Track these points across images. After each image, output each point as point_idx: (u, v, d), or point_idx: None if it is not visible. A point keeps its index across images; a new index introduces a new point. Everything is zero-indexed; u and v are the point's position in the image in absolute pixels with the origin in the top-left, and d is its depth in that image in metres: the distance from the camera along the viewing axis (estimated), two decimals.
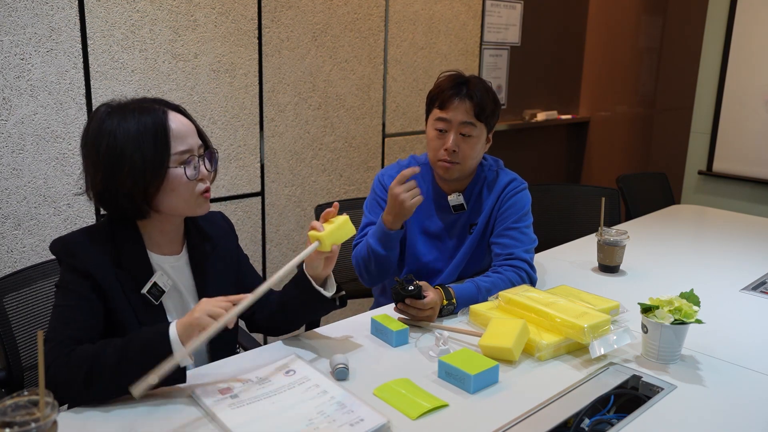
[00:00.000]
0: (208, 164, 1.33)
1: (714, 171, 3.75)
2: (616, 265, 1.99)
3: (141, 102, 1.28)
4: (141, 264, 1.29)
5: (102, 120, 1.24)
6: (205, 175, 1.31)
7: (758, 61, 3.48)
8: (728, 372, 1.36)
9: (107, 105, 1.27)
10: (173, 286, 1.34)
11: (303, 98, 2.77)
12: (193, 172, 1.28)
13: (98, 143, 1.23)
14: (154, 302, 1.29)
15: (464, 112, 1.70)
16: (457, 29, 3.38)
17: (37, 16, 2.01)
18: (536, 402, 1.21)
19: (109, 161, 1.22)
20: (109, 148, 1.21)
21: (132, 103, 1.27)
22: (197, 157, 1.30)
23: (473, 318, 1.58)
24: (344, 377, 1.28)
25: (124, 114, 1.24)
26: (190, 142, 1.28)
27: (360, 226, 1.86)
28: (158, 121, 1.24)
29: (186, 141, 1.27)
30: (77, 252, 1.24)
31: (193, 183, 1.28)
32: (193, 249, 1.39)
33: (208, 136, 1.37)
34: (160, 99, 1.32)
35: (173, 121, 1.26)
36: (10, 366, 1.44)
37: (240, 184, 2.63)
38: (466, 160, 1.73)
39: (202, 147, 1.32)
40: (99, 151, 1.22)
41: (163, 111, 1.27)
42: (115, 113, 1.24)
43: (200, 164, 1.30)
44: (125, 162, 1.21)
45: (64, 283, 1.24)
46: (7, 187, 2.03)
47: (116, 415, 1.13)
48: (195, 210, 1.32)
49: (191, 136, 1.29)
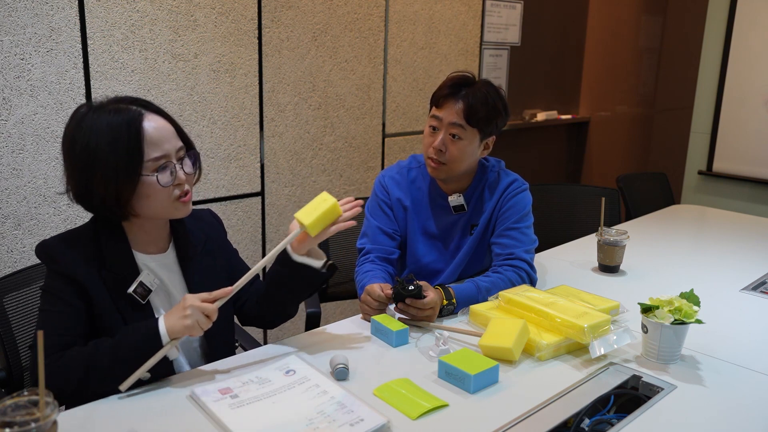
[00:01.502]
0: (189, 166, 1.29)
1: (714, 171, 3.75)
2: (616, 265, 1.99)
3: (118, 103, 1.25)
4: (126, 264, 1.28)
5: (78, 121, 1.22)
6: (182, 180, 1.27)
7: (758, 61, 3.48)
8: (728, 372, 1.36)
9: (86, 105, 1.25)
10: (160, 285, 1.33)
11: (303, 98, 2.77)
12: (167, 179, 1.24)
13: (73, 145, 1.21)
14: (141, 302, 1.29)
15: (455, 113, 1.69)
16: (457, 29, 3.38)
17: (37, 16, 2.01)
18: (536, 402, 1.21)
19: (82, 165, 1.20)
20: (82, 152, 1.20)
21: (109, 103, 1.25)
22: (175, 161, 1.26)
23: (473, 318, 1.58)
24: (344, 377, 1.28)
25: (99, 116, 1.21)
26: (167, 148, 1.24)
27: (362, 230, 1.86)
28: (132, 126, 1.21)
29: (161, 146, 1.23)
30: (58, 256, 1.24)
31: (168, 189, 1.25)
32: (180, 246, 1.38)
33: (189, 137, 1.33)
34: (139, 99, 1.27)
35: (149, 126, 1.22)
36: (10, 366, 1.44)
37: (240, 184, 2.63)
38: (452, 161, 1.72)
39: (182, 149, 1.29)
40: (73, 154, 1.21)
41: (139, 113, 1.23)
42: (91, 114, 1.22)
43: (177, 169, 1.26)
44: (97, 167, 1.19)
45: (48, 287, 1.24)
46: (7, 187, 2.03)
47: (116, 415, 1.13)
48: (173, 214, 1.29)
49: (168, 141, 1.25)
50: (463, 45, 3.44)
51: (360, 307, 1.60)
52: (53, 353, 1.17)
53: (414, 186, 1.85)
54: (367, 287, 1.58)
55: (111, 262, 1.27)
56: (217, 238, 1.48)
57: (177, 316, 1.21)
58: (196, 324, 1.20)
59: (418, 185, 1.85)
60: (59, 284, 1.23)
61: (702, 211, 2.98)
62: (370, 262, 1.77)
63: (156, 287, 1.31)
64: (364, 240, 1.84)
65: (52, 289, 1.24)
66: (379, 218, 1.83)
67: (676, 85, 4.48)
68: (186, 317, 1.20)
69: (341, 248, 2.27)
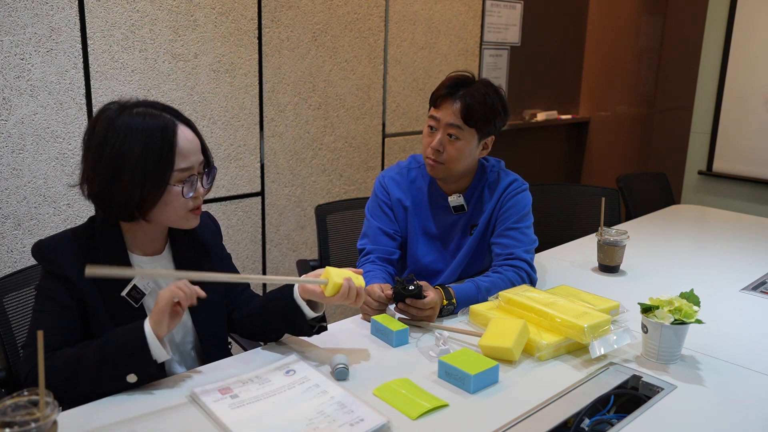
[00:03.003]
0: (206, 181, 1.31)
1: (714, 171, 3.75)
2: (616, 265, 1.99)
3: (150, 107, 1.24)
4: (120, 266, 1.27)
5: (111, 121, 1.21)
6: (200, 193, 1.29)
7: (758, 61, 3.48)
8: (728, 372, 1.36)
9: (116, 103, 1.24)
10: (154, 288, 1.32)
11: (303, 98, 2.77)
12: (189, 190, 1.26)
13: (101, 148, 1.20)
14: (134, 305, 1.28)
15: (452, 113, 1.68)
16: (457, 29, 3.38)
17: (37, 16, 2.01)
18: (536, 402, 1.21)
19: (110, 169, 1.20)
20: (114, 153, 1.19)
21: (140, 105, 1.24)
22: (197, 175, 1.28)
23: (473, 318, 1.58)
24: (344, 377, 1.28)
25: (133, 119, 1.21)
26: (193, 160, 1.26)
27: (362, 231, 1.86)
28: (166, 134, 1.21)
29: (189, 159, 1.25)
30: (52, 256, 1.23)
31: (186, 200, 1.26)
32: (177, 248, 1.38)
33: (211, 153, 1.35)
34: (171, 108, 1.28)
35: (182, 136, 1.24)
36: (10, 366, 1.44)
37: (240, 184, 2.63)
38: (450, 161, 1.72)
39: (203, 164, 1.30)
40: (101, 157, 1.20)
41: (173, 123, 1.24)
42: (124, 116, 1.21)
43: (198, 182, 1.28)
44: (126, 173, 1.19)
45: (42, 287, 1.24)
46: (7, 187, 2.03)
47: (116, 415, 1.13)
48: (182, 224, 1.30)
49: (195, 154, 1.27)
50: (463, 45, 3.44)
51: (360, 307, 1.60)
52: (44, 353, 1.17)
53: (414, 186, 1.85)
54: (367, 287, 1.58)
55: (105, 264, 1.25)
56: (213, 241, 1.48)
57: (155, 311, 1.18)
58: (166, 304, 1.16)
59: (418, 185, 1.85)
60: (52, 284, 1.23)
61: (702, 211, 2.98)
62: (370, 263, 1.77)
63: (150, 290, 1.31)
64: (364, 240, 1.84)
65: (45, 289, 1.24)
66: (380, 219, 1.83)
67: (676, 85, 4.48)
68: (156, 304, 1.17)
69: (341, 248, 2.27)
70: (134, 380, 1.18)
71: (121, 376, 1.17)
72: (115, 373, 1.17)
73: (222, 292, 1.45)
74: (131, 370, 1.17)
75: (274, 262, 2.80)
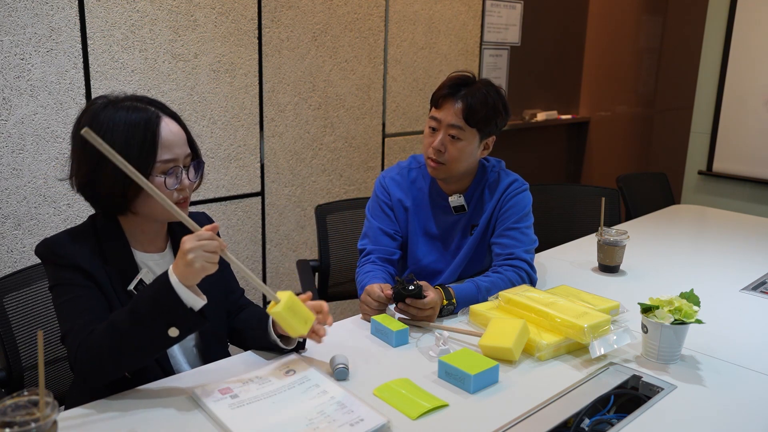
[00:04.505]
0: (193, 174, 1.31)
1: (714, 171, 3.75)
2: (616, 265, 1.99)
3: (136, 101, 1.26)
4: (126, 261, 1.29)
5: (95, 113, 1.23)
6: (185, 186, 1.29)
7: (758, 61, 3.48)
8: (728, 372, 1.36)
9: (104, 98, 1.26)
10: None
11: (303, 98, 2.77)
12: (173, 182, 1.26)
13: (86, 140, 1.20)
14: None
15: (454, 114, 1.69)
16: (457, 29, 3.38)
17: (37, 16, 2.01)
18: (536, 402, 1.21)
19: (94, 158, 1.20)
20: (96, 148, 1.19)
21: (126, 100, 1.26)
22: (182, 167, 1.28)
23: (473, 318, 1.58)
24: (344, 377, 1.28)
25: (117, 112, 1.22)
26: (177, 152, 1.26)
27: (363, 231, 1.86)
28: (149, 126, 1.22)
29: (173, 150, 1.25)
30: (63, 250, 1.24)
31: (170, 192, 1.26)
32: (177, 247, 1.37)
33: (198, 146, 1.35)
34: (157, 101, 1.30)
35: (165, 128, 1.24)
36: (10, 366, 1.44)
37: (240, 184, 2.63)
38: (451, 162, 1.72)
39: (189, 156, 1.31)
40: (85, 148, 1.21)
41: (157, 115, 1.25)
42: (109, 109, 1.23)
43: (183, 175, 1.28)
44: (109, 163, 1.17)
45: (58, 281, 1.24)
46: (7, 187, 2.03)
47: (116, 415, 1.13)
48: (169, 217, 1.30)
49: (179, 146, 1.27)
50: (463, 45, 3.44)
51: (360, 307, 1.60)
52: (84, 332, 1.15)
53: (414, 186, 1.85)
54: (367, 287, 1.58)
55: (112, 258, 1.27)
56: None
57: (182, 264, 1.14)
58: (205, 264, 1.14)
59: (418, 186, 1.85)
60: (68, 274, 1.22)
61: (702, 211, 2.98)
62: (371, 263, 1.77)
63: None
64: (365, 241, 1.84)
65: (62, 281, 1.23)
66: (380, 219, 1.83)
67: (676, 85, 4.48)
68: (191, 262, 1.13)
69: (341, 248, 2.27)
70: (176, 334, 1.14)
71: (160, 333, 1.14)
72: (153, 332, 1.14)
73: (223, 293, 1.45)
74: (169, 324, 1.13)
75: (274, 262, 2.80)
